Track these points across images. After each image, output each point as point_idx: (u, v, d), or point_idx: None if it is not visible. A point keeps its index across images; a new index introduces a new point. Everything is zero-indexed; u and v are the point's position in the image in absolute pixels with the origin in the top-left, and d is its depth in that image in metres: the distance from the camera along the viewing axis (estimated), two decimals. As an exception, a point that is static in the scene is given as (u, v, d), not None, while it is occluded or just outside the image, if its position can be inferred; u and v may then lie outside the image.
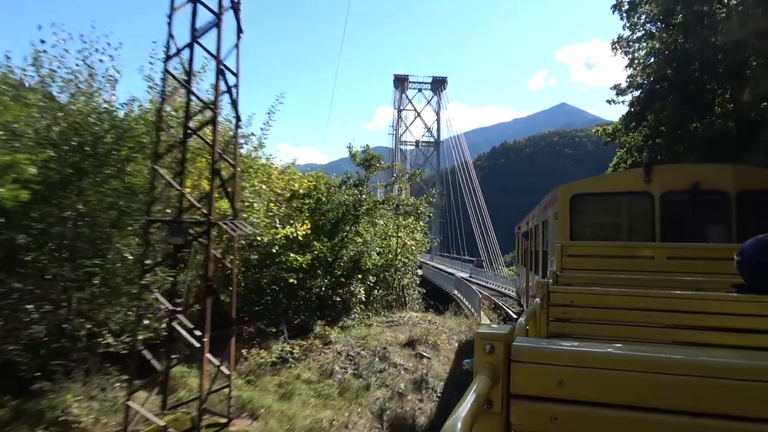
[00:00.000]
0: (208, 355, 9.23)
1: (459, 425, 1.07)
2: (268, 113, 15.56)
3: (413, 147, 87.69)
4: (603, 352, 1.50)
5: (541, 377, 1.49)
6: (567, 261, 5.30)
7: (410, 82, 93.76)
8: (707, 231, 7.07)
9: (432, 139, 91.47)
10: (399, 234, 23.21)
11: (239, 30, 10.17)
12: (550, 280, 4.20)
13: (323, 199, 20.09)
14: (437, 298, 26.08)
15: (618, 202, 7.65)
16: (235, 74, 10.04)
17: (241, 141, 14.52)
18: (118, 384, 10.16)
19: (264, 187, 14.77)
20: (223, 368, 9.77)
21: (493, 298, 27.53)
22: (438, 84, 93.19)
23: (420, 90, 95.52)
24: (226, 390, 9.94)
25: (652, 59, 15.31)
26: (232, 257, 11.12)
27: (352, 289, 19.12)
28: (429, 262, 53.08)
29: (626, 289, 3.80)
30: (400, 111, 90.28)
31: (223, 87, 9.85)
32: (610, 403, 1.44)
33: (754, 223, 6.46)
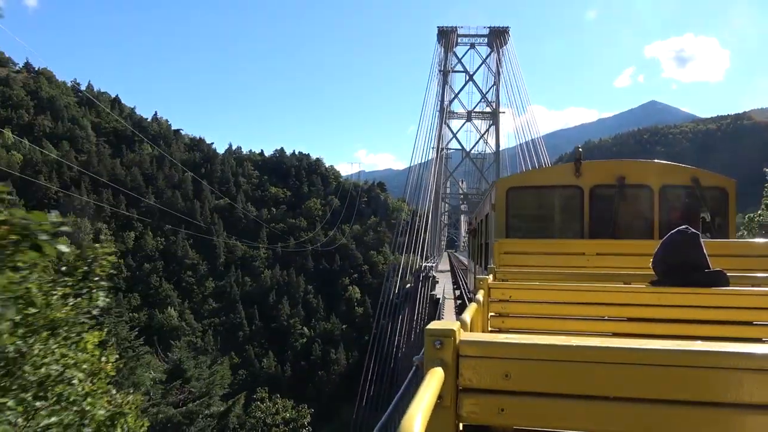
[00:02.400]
0: None
1: (415, 421, 1.11)
2: None
3: (463, 120, 59.23)
4: (546, 345, 1.58)
5: (488, 371, 1.57)
6: (503, 258, 5.50)
7: (459, 35, 68.61)
8: (632, 223, 7.40)
9: (489, 109, 61.71)
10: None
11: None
12: (489, 276, 4.34)
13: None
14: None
15: (550, 194, 7.93)
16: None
17: None
18: None
19: None
20: None
21: None
22: (496, 36, 66.19)
23: (473, 46, 67.28)
24: None
25: None
26: None
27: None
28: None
29: (560, 283, 4.04)
30: (445, 74, 61.52)
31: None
32: (554, 393, 1.54)
33: (674, 215, 7.03)
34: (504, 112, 53.47)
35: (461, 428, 1.62)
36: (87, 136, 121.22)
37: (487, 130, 53.88)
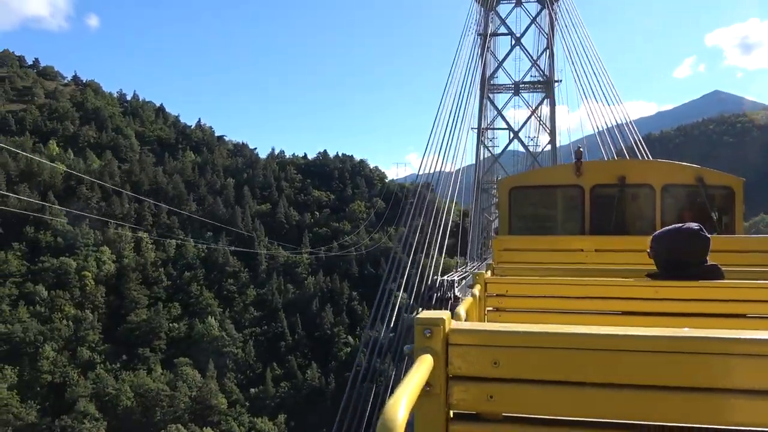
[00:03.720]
0: None
1: (399, 405, 1.13)
2: None
3: (510, 92, 44.21)
4: (534, 332, 1.60)
5: (477, 358, 1.58)
6: (502, 254, 5.65)
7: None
8: (633, 222, 7.36)
9: (541, 78, 45.29)
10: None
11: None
12: (487, 272, 4.46)
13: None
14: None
15: (552, 194, 7.96)
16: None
17: None
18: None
19: None
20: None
21: None
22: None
23: (519, 2, 49.20)
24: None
25: None
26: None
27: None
28: None
29: (557, 278, 3.98)
30: (486, 38, 43.69)
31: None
32: (542, 379, 1.54)
33: (677, 215, 6.88)
34: (559, 81, 40.91)
35: (451, 416, 1.65)
36: (131, 145, 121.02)
37: (540, 104, 41.71)
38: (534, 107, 40.31)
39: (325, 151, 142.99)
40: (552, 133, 36.78)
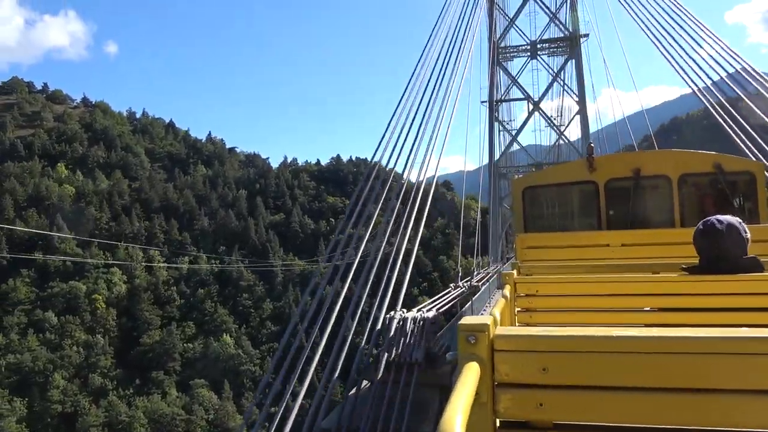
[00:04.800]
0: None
1: (456, 419, 1.09)
2: None
3: (526, 56, 36.91)
4: (585, 337, 1.52)
5: (524, 365, 1.52)
6: (526, 253, 5.56)
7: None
8: (651, 215, 7.25)
9: (564, 34, 34.73)
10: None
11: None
12: (514, 271, 4.20)
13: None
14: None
15: (566, 192, 7.93)
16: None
17: None
18: None
19: None
20: None
21: None
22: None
23: None
24: None
25: None
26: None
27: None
28: None
29: (588, 276, 3.86)
30: None
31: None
32: (594, 385, 1.48)
33: (695, 205, 7.04)
34: (587, 36, 32.21)
35: (498, 425, 1.59)
36: (140, 163, 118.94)
37: (563, 67, 33.51)
38: (557, 71, 33.95)
39: (338, 155, 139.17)
40: (581, 101, 31.13)
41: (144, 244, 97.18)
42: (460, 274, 12.38)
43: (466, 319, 1.57)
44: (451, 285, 11.04)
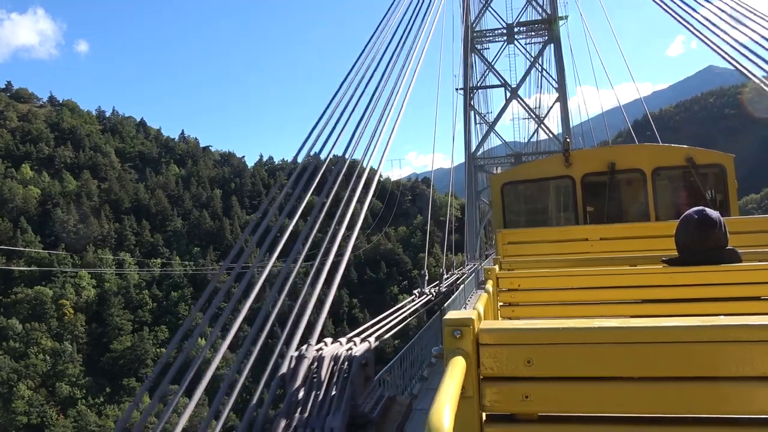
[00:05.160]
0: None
1: (444, 413, 1.10)
2: None
3: (502, 41, 34.47)
4: (568, 329, 1.54)
5: (509, 358, 1.53)
6: (507, 248, 5.59)
7: None
8: (627, 208, 7.39)
9: (542, 16, 34.18)
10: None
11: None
12: (496, 267, 4.19)
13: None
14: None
15: (544, 187, 7.99)
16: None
17: None
18: None
19: None
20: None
21: None
22: None
23: None
24: None
25: None
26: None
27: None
28: None
29: (569, 269, 3.89)
30: None
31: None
32: (579, 376, 1.51)
33: (668, 198, 7.22)
34: (566, 18, 30.83)
35: (484, 418, 1.60)
36: (110, 163, 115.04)
37: (542, 51, 31.69)
38: (535, 55, 32.34)
39: (316, 153, 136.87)
40: (561, 88, 29.54)
41: (114, 246, 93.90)
42: (426, 278, 10.11)
43: (452, 314, 1.58)
44: (415, 292, 9.04)
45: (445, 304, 12.44)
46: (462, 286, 15.68)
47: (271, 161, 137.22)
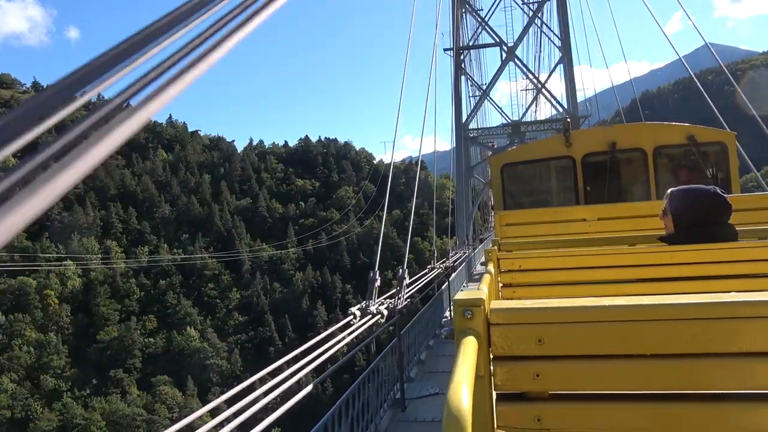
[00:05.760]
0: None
1: (462, 391, 1.12)
2: None
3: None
4: (579, 307, 1.56)
5: (520, 337, 1.55)
6: (505, 230, 5.61)
7: None
8: (628, 188, 7.39)
9: None
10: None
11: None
12: (495, 248, 4.23)
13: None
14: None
15: (544, 167, 7.97)
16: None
17: None
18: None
19: None
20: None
21: None
22: None
23: None
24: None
25: None
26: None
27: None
28: None
29: (569, 250, 3.94)
30: None
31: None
32: (589, 354, 1.53)
33: (670, 177, 7.10)
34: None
35: (495, 397, 1.62)
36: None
37: (541, 6, 27.58)
38: (534, 10, 28.70)
39: (306, 136, 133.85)
40: (564, 44, 26.34)
41: (100, 234, 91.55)
42: (435, 255, 12.98)
43: (462, 294, 1.60)
44: (428, 267, 11.31)
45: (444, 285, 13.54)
46: (447, 283, 13.74)
47: (262, 145, 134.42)
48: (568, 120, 8.55)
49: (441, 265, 13.15)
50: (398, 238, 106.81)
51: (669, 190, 3.56)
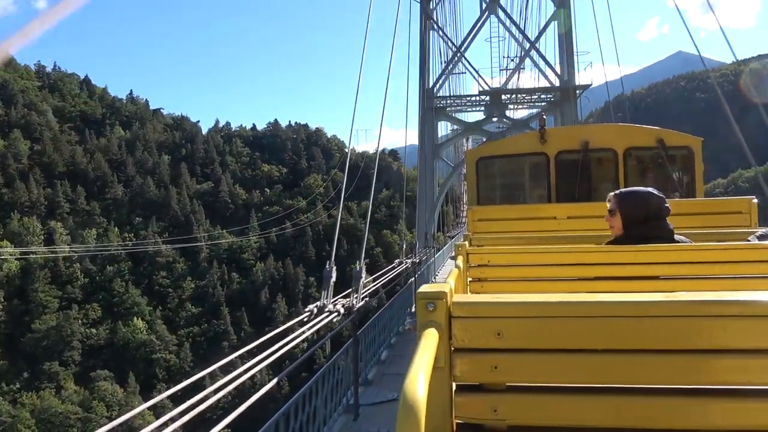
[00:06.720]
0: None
1: (418, 382, 1.15)
2: None
3: None
4: (537, 303, 1.64)
5: (480, 330, 1.60)
6: (477, 225, 5.77)
7: None
8: (597, 187, 7.47)
9: None
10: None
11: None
12: (465, 243, 4.29)
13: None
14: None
15: (518, 163, 8.09)
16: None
17: None
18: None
19: None
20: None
21: None
22: None
23: None
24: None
25: None
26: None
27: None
28: None
29: (536, 246, 4.04)
30: None
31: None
32: (546, 348, 1.59)
33: (639, 178, 7.15)
34: None
35: (454, 388, 1.67)
36: (47, 123, 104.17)
37: None
38: None
39: (275, 120, 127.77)
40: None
41: (44, 214, 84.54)
42: (404, 248, 13.36)
43: (425, 287, 1.64)
44: (396, 261, 11.75)
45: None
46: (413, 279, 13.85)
47: (228, 127, 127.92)
48: (545, 117, 8.48)
49: (408, 261, 13.32)
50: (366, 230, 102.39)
51: (613, 193, 3.72)
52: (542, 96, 25.31)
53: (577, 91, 23.37)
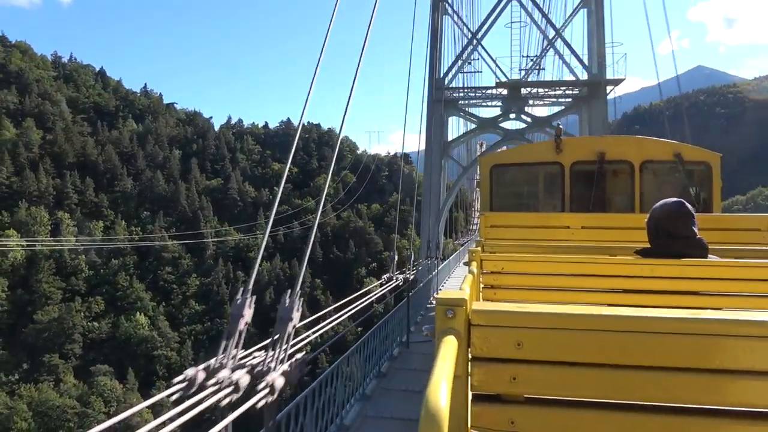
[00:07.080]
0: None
1: (440, 391, 1.13)
2: None
3: None
4: (560, 314, 1.60)
5: (500, 339, 1.57)
6: (489, 231, 5.69)
7: None
8: (613, 198, 7.48)
9: None
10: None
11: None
12: (479, 248, 4.28)
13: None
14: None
15: (533, 171, 8.04)
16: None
17: None
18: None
19: None
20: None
21: None
22: None
23: None
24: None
25: None
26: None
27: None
28: None
29: (552, 255, 3.94)
30: None
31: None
32: (566, 361, 1.56)
33: (654, 191, 7.09)
34: None
35: (471, 398, 1.64)
36: (60, 113, 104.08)
37: None
38: None
39: (288, 119, 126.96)
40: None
41: (52, 204, 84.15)
42: (394, 261, 10.72)
43: (444, 293, 1.61)
44: (384, 277, 10.15)
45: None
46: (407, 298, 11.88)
47: (240, 124, 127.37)
48: (561, 126, 8.33)
49: (401, 276, 11.90)
50: (374, 233, 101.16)
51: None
52: (567, 91, 23.50)
53: (608, 87, 21.61)
